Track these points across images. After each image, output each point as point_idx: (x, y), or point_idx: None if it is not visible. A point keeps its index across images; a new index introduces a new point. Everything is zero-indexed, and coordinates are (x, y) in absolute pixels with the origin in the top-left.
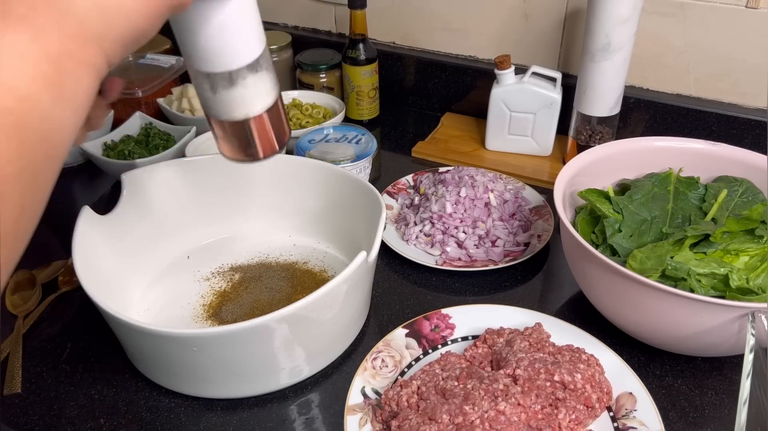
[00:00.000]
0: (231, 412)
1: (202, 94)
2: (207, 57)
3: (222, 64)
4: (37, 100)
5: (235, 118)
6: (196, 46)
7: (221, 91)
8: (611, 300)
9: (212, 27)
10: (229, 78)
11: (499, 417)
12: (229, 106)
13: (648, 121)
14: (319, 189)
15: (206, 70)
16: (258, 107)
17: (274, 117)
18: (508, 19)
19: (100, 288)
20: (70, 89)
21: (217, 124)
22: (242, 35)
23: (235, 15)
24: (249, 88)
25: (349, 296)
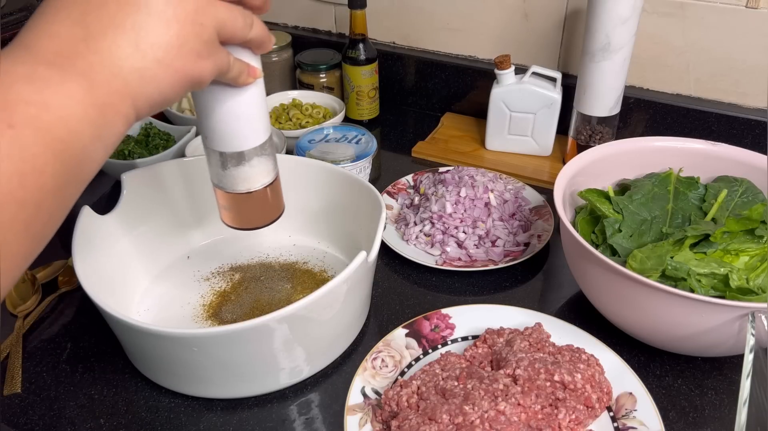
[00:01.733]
0: (231, 412)
1: (212, 168)
2: (222, 138)
3: (234, 146)
4: (81, 135)
5: (239, 191)
6: (214, 128)
7: (230, 167)
8: (611, 300)
9: (228, 112)
10: (238, 158)
11: (499, 417)
12: (235, 181)
13: (648, 121)
14: (319, 189)
15: (219, 149)
16: (259, 183)
17: (273, 193)
18: (508, 19)
19: (100, 288)
20: (106, 132)
21: (222, 195)
22: (253, 122)
23: (248, 104)
24: (254, 167)
25: (349, 296)
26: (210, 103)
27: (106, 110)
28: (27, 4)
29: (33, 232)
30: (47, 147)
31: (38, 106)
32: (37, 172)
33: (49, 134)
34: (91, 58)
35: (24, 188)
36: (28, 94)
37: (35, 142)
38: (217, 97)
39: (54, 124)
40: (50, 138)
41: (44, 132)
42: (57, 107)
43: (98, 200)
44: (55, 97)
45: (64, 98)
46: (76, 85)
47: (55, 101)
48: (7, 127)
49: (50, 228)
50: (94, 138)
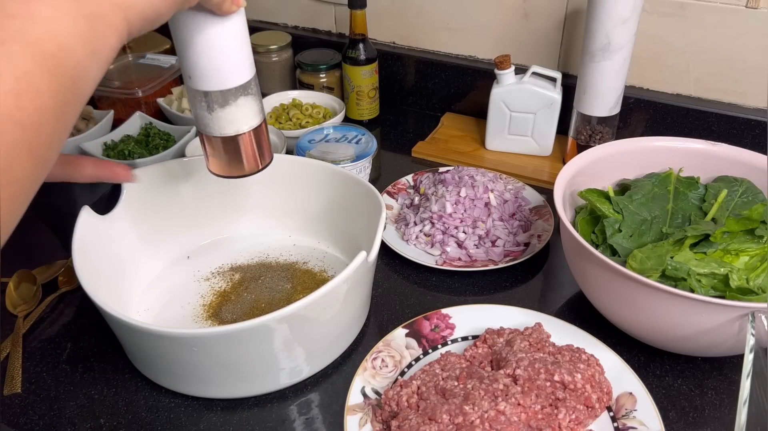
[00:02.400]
0: (231, 412)
1: (197, 113)
2: (205, 74)
3: (218, 84)
4: (73, 50)
5: (226, 134)
6: (197, 64)
7: (216, 109)
8: (611, 300)
9: (212, 44)
10: (223, 97)
11: (499, 417)
12: (221, 123)
13: (648, 121)
14: (319, 189)
15: (204, 89)
16: (246, 126)
17: (260, 137)
18: (508, 19)
19: (100, 288)
20: (98, 45)
21: (208, 140)
22: (237, 56)
23: (232, 35)
24: (240, 107)
25: (349, 296)
26: (192, 35)
27: (97, 22)
28: None
29: (36, 155)
30: (39, 64)
31: (23, 18)
32: (32, 91)
33: (40, 50)
34: None
35: (22, 109)
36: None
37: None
38: (200, 27)
39: (43, 39)
40: (41, 54)
41: (34, 47)
42: (44, 20)
43: (98, 200)
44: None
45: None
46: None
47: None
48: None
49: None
50: (87, 53)
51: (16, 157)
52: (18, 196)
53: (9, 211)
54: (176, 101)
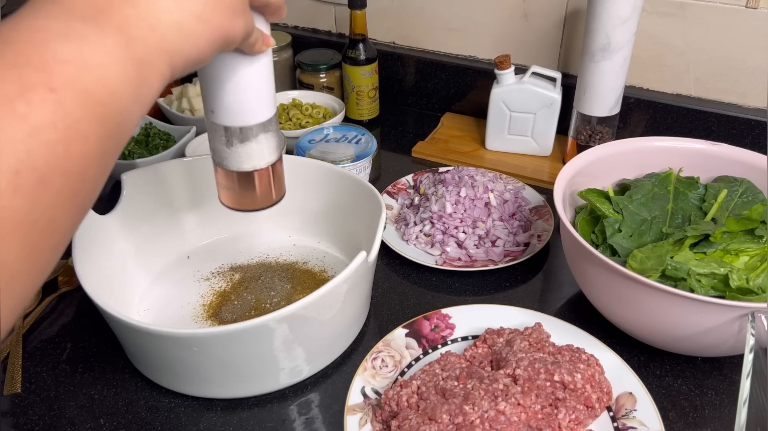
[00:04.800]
0: (231, 412)
1: (216, 146)
2: (229, 111)
3: (240, 120)
4: (121, 96)
5: (244, 169)
6: (222, 99)
7: (236, 144)
8: (611, 300)
9: (238, 82)
10: (245, 133)
11: (499, 417)
12: (240, 158)
13: (648, 121)
14: (319, 189)
15: (226, 124)
16: (264, 162)
17: (276, 173)
18: (508, 19)
19: (100, 288)
20: (144, 91)
21: (225, 174)
22: (261, 95)
23: (259, 75)
24: (260, 143)
25: (349, 296)
26: (222, 72)
27: (144, 68)
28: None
29: (78, 202)
30: (89, 111)
31: (77, 66)
32: (81, 139)
33: (91, 97)
34: (127, 10)
35: (70, 157)
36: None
37: (77, 107)
38: (230, 66)
39: (94, 86)
40: (91, 101)
41: (85, 95)
42: (96, 66)
43: (98, 200)
44: (94, 55)
45: (102, 56)
46: (114, 41)
47: (94, 60)
48: (48, 91)
49: (94, 196)
50: (133, 98)
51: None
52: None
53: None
54: (176, 101)
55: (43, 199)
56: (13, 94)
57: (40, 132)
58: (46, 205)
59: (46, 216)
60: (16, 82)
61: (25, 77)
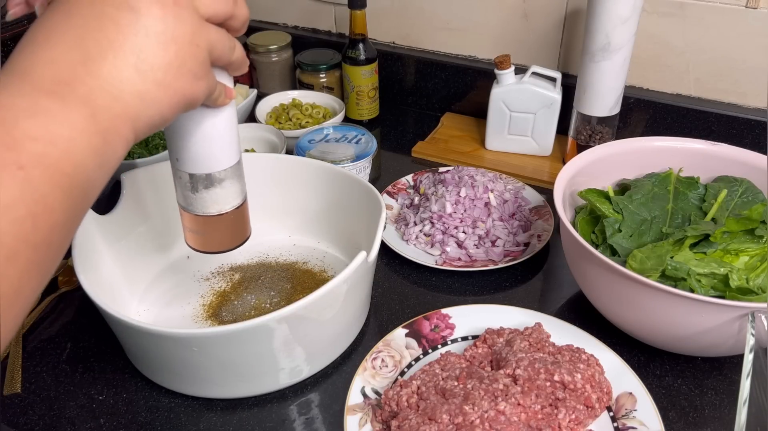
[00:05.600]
0: (231, 412)
1: (182, 192)
2: (194, 160)
3: (206, 167)
4: (86, 166)
5: (209, 213)
6: (188, 149)
7: (201, 189)
8: (611, 300)
9: (203, 133)
10: (210, 179)
11: (499, 417)
12: (205, 203)
13: (648, 121)
14: (319, 189)
15: (191, 171)
16: (229, 206)
17: (241, 215)
18: (508, 19)
19: (100, 288)
20: (108, 158)
21: (190, 218)
22: (225, 144)
23: (222, 125)
24: (225, 188)
25: (349, 296)
26: (186, 126)
27: (108, 136)
28: None
29: (44, 270)
30: (56, 184)
31: (44, 142)
32: (47, 212)
33: (57, 170)
34: (90, 82)
35: (37, 230)
36: (34, 130)
37: (44, 181)
38: (194, 119)
39: (61, 160)
40: (58, 174)
41: (52, 169)
42: (62, 140)
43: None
44: (60, 129)
45: (68, 130)
46: (78, 114)
47: (60, 134)
48: (17, 169)
49: (57, 262)
50: (97, 166)
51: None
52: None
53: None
54: None
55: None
56: None
57: (9, 210)
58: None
59: (14, 290)
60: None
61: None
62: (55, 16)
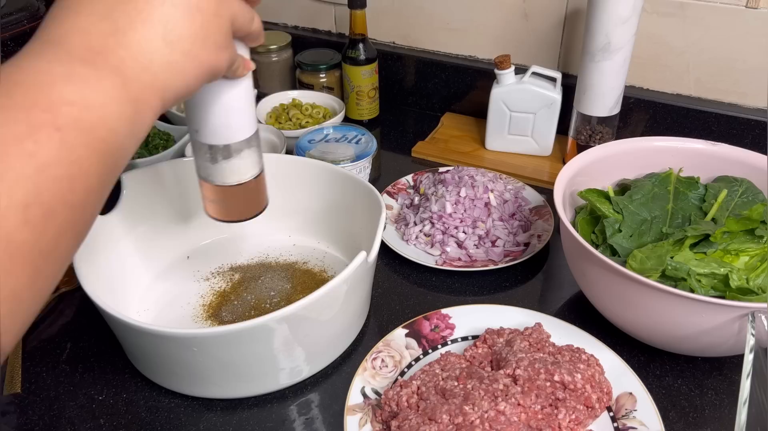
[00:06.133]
0: (231, 412)
1: (201, 163)
2: (214, 131)
3: (225, 138)
4: (118, 133)
5: (228, 183)
6: (207, 121)
7: (221, 160)
8: (611, 300)
9: (222, 104)
10: (229, 150)
11: (499, 417)
12: (224, 173)
13: (648, 121)
14: (319, 189)
15: (211, 143)
16: (248, 175)
17: (259, 185)
18: (508, 19)
19: (100, 288)
20: (138, 127)
21: (210, 188)
22: (244, 114)
23: (241, 96)
24: (243, 159)
25: (349, 296)
26: (206, 97)
27: (139, 105)
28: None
29: (77, 232)
30: (91, 148)
31: (80, 106)
32: (84, 174)
33: (92, 135)
34: (121, 52)
35: (73, 191)
36: (70, 95)
37: (80, 144)
38: (214, 91)
39: (96, 125)
40: (93, 138)
41: (88, 133)
42: (97, 106)
43: None
44: (94, 95)
45: (102, 97)
46: (110, 82)
47: (95, 100)
48: (54, 130)
49: (90, 225)
50: (128, 134)
51: (63, 236)
52: (58, 272)
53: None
54: None
55: (49, 231)
56: (22, 133)
57: (47, 168)
58: (51, 236)
59: (51, 247)
60: (24, 122)
61: (33, 117)
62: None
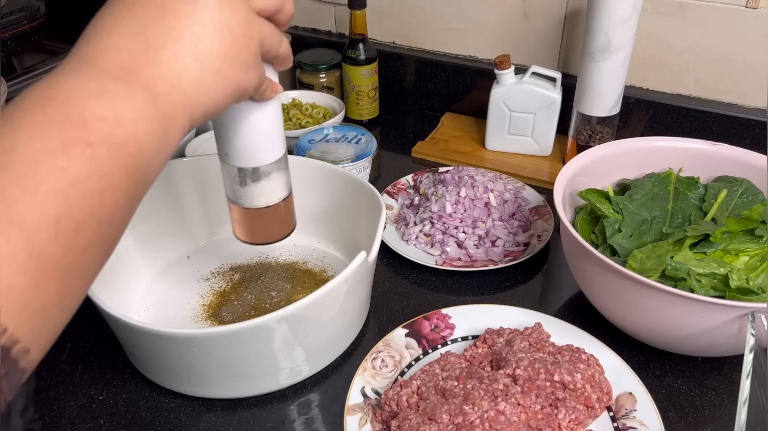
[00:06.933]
0: (231, 412)
1: (230, 186)
2: (243, 154)
3: (254, 161)
4: (147, 149)
5: (257, 206)
6: (235, 143)
7: (249, 183)
8: (611, 300)
9: (250, 127)
10: (258, 173)
11: (498, 417)
12: (253, 196)
13: (648, 121)
14: (319, 189)
15: (240, 165)
16: (276, 198)
17: (288, 207)
18: (508, 19)
19: (100, 288)
20: (167, 144)
21: (238, 210)
22: (272, 137)
23: (269, 118)
24: (272, 181)
25: (349, 296)
26: (234, 120)
27: (168, 122)
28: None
29: (105, 247)
30: (120, 164)
31: (111, 123)
32: (112, 189)
33: (122, 150)
34: (152, 70)
35: (102, 206)
36: (102, 111)
37: (111, 160)
38: (242, 113)
39: (126, 140)
40: (123, 154)
41: (118, 149)
42: (128, 122)
43: None
44: (126, 112)
45: (133, 113)
46: (141, 99)
47: (125, 116)
48: (86, 146)
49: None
50: (157, 150)
51: (91, 250)
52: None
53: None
54: None
55: (78, 245)
56: (55, 148)
57: (78, 183)
58: (79, 250)
59: (79, 261)
60: (57, 137)
61: (66, 133)
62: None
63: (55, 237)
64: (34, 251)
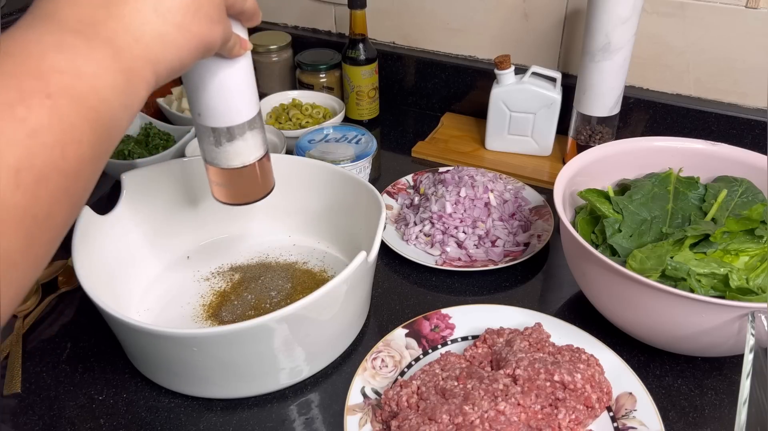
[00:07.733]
0: (231, 412)
1: (205, 147)
2: (215, 113)
3: (227, 120)
4: (111, 103)
5: (233, 166)
6: (207, 103)
7: (224, 143)
8: (611, 300)
9: (221, 85)
10: (232, 132)
11: (498, 417)
12: (229, 156)
13: (648, 121)
14: (319, 189)
15: (213, 125)
16: (252, 157)
17: (264, 167)
18: (508, 19)
19: (100, 288)
20: (131, 99)
21: (215, 171)
22: (244, 96)
23: (239, 77)
24: (246, 141)
25: (349, 296)
26: (204, 77)
27: (131, 76)
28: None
29: (73, 201)
30: (83, 116)
31: (71, 74)
32: (76, 142)
33: (84, 103)
34: (112, 24)
35: (66, 159)
36: (61, 63)
37: (72, 112)
38: (211, 70)
39: (87, 93)
40: (85, 107)
41: (79, 101)
42: (88, 75)
43: (98, 200)
44: (86, 65)
45: (93, 67)
46: (102, 53)
47: (86, 69)
48: (45, 97)
49: (86, 195)
50: (121, 105)
51: (56, 203)
52: (55, 240)
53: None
54: (176, 101)
55: (42, 196)
56: (13, 100)
57: (38, 134)
58: (44, 202)
59: (45, 212)
60: (15, 89)
61: (24, 85)
62: None
63: (16, 187)
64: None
